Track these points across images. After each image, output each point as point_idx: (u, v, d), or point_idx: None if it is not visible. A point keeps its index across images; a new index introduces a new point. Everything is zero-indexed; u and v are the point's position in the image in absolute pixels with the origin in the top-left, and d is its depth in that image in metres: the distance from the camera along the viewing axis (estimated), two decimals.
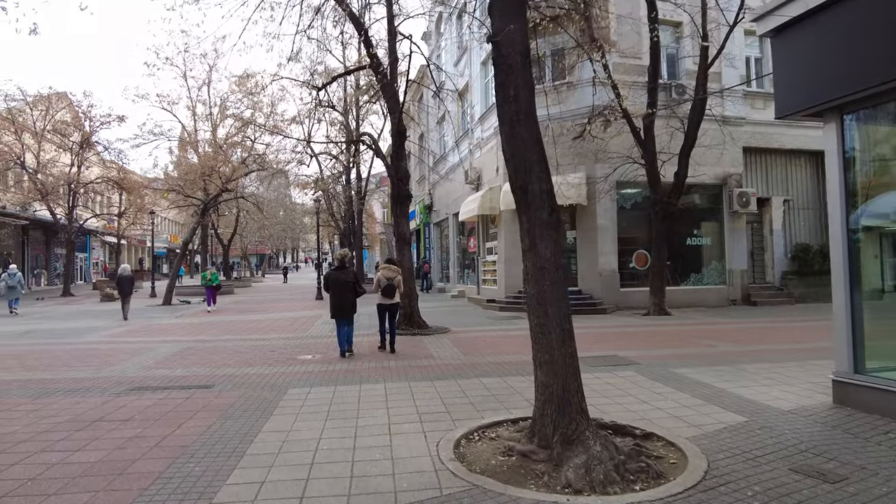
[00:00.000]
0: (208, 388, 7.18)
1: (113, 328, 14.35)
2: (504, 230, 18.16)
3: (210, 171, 26.38)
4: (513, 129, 4.53)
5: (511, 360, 8.81)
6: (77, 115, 30.59)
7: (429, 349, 9.97)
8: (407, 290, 12.51)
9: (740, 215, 18.15)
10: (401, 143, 12.38)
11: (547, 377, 4.45)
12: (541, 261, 4.45)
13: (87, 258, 45.03)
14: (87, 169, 33.00)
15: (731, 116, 17.42)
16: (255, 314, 17.78)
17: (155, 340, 11.88)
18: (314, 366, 8.59)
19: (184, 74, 30.17)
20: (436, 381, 7.25)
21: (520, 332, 12.08)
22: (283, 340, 11.53)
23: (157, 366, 8.83)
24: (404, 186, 12.59)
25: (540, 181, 4.48)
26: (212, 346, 10.98)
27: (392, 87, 12.28)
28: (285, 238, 67.59)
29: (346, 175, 31.43)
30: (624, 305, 16.55)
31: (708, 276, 18.12)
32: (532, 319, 4.59)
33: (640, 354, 9.11)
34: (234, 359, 9.37)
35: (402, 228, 12.66)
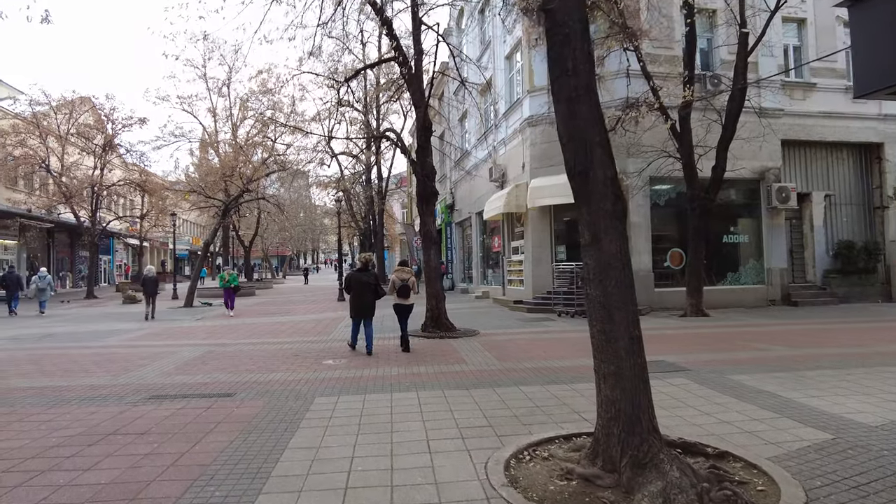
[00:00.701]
0: (230, 396, 6.75)
1: (134, 331, 14.09)
2: (531, 229, 17.56)
3: (231, 171, 26.21)
4: (571, 108, 3.98)
5: (549, 365, 8.25)
6: (100, 117, 30.72)
7: (459, 353, 9.45)
8: (433, 292, 12.04)
9: (779, 211, 17.31)
10: (426, 139, 11.89)
11: (613, 391, 3.90)
12: (605, 257, 3.89)
13: (110, 260, 45.41)
14: (110, 171, 33.17)
15: (769, 108, 16.60)
16: (276, 316, 17.43)
17: (176, 344, 11.54)
18: (340, 371, 8.12)
19: (204, 76, 30.07)
20: (472, 390, 6.72)
21: (552, 336, 11.51)
22: (307, 344, 11.10)
23: (177, 371, 8.44)
24: (430, 183, 12.10)
25: (603, 166, 3.92)
26: (233, 350, 10.59)
27: (418, 80, 11.80)
28: (306, 239, 67.73)
29: (367, 175, 31.07)
30: (658, 306, 15.85)
31: (745, 276, 17.32)
32: (594, 325, 4.04)
33: (688, 359, 8.48)
34: (256, 364, 8.95)
35: (428, 227, 12.17)
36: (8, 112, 29.26)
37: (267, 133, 27.46)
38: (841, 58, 18.17)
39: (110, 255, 45.25)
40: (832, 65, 18.06)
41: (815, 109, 17.90)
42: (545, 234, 17.36)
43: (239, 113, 30.02)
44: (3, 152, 27.47)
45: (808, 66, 17.90)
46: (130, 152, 33.09)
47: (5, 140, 27.06)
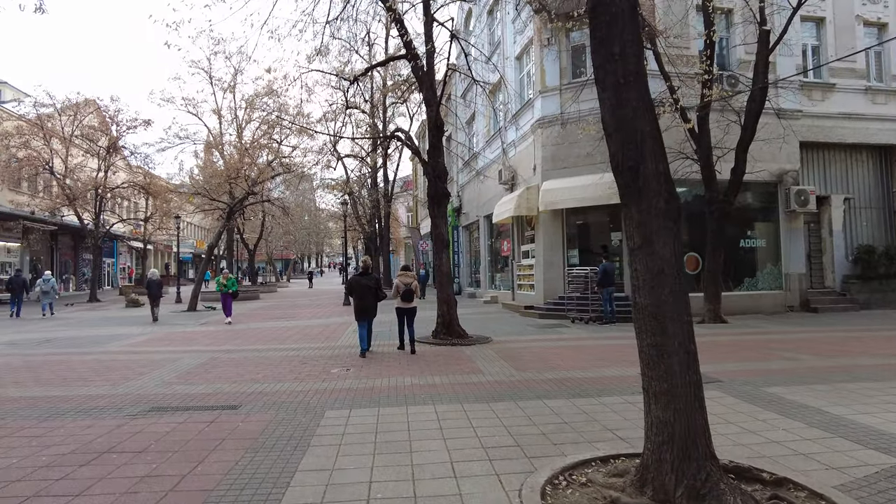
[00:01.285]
0: (234, 408, 6.34)
1: (135, 336, 13.70)
2: (542, 232, 17.14)
3: (236, 173, 25.89)
4: (619, 95, 3.56)
5: (571, 376, 7.81)
6: (104, 119, 30.47)
7: (474, 362, 9.02)
8: (444, 297, 11.62)
9: (798, 215, 16.85)
10: (439, 138, 11.50)
11: (665, 412, 3.47)
12: (658, 262, 3.47)
13: (114, 263, 45.16)
14: (114, 174, 32.90)
15: (787, 109, 16.16)
16: (282, 321, 17.03)
17: (178, 350, 11.15)
18: (351, 381, 7.70)
19: (209, 77, 29.77)
20: (493, 404, 6.29)
21: (569, 343, 11.08)
22: (314, 351, 10.69)
23: (179, 380, 8.03)
24: (442, 184, 11.69)
25: (655, 159, 3.51)
26: (237, 356, 10.19)
27: (429, 77, 11.41)
28: (310, 243, 67.44)
29: (373, 177, 30.72)
30: None
31: (763, 281, 16.84)
32: (644, 338, 3.61)
33: (717, 370, 8.02)
34: (261, 372, 8.54)
35: (440, 230, 11.76)
36: (12, 114, 29.05)
37: (272, 135, 27.12)
38: (861, 58, 17.74)
39: (114, 258, 45.02)
40: (852, 65, 17.62)
41: (834, 110, 17.45)
42: (557, 238, 16.93)
43: (244, 115, 29.70)
44: (7, 154, 27.23)
45: (828, 67, 17.44)
46: (135, 154, 32.89)
47: (9, 142, 26.80)
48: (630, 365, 8.53)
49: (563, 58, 17.13)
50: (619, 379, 7.55)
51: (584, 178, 15.91)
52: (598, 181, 15.55)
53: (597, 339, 11.60)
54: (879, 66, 18.41)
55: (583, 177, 16.01)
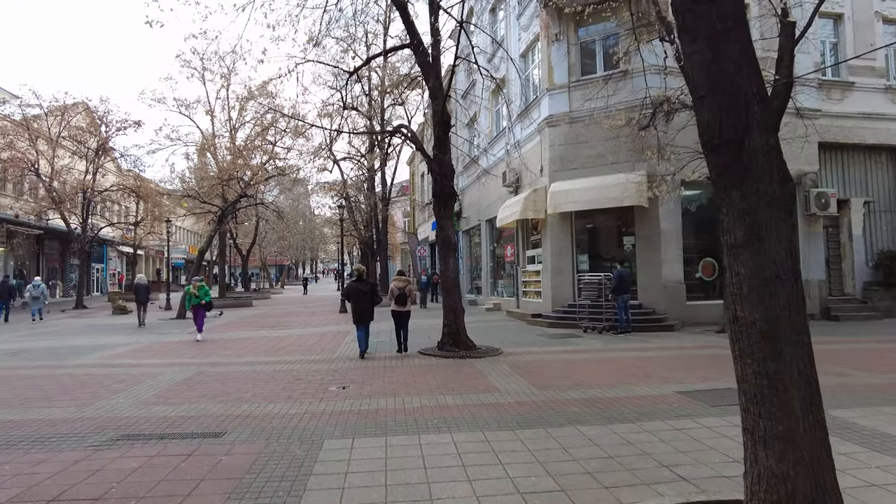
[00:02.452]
0: (218, 436, 5.43)
1: (117, 347, 12.73)
2: (550, 236, 16.29)
3: (229, 176, 24.98)
4: (714, 47, 2.71)
5: (600, 396, 6.93)
6: (93, 120, 29.50)
7: (488, 379, 8.13)
8: (452, 304, 10.75)
9: (817, 219, 16.09)
10: (445, 133, 10.66)
11: (781, 463, 2.60)
12: (770, 265, 2.63)
13: (103, 269, 44.05)
14: (103, 176, 31.91)
15: (805, 108, 15.29)
16: (275, 329, 16.09)
17: (161, 363, 10.20)
18: (352, 402, 6.80)
19: (202, 77, 28.89)
20: (519, 432, 5.41)
21: (587, 356, 10.20)
22: (310, 364, 9.78)
23: (157, 400, 7.11)
24: (448, 183, 10.84)
25: (765, 130, 2.66)
26: (225, 371, 9.27)
27: (435, 69, 10.57)
28: (305, 248, 66.46)
29: (370, 180, 29.86)
30: (691, 321, 14.55)
31: None
32: (748, 364, 2.75)
33: None
34: (251, 390, 7.63)
35: (446, 232, 10.90)
36: None
37: (266, 136, 26.24)
38: (880, 56, 17.05)
39: (103, 263, 43.91)
40: (871, 63, 16.92)
41: (853, 110, 16.72)
42: (566, 243, 16.08)
43: (237, 115, 28.81)
44: None
45: (847, 65, 16.75)
46: (124, 156, 31.94)
47: None
48: (661, 381, 7.68)
49: (572, 54, 16.36)
50: (655, 399, 6.68)
51: (595, 180, 15.10)
52: (611, 182, 14.78)
53: (616, 351, 10.73)
54: None
55: (593, 178, 15.20)
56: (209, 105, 29.24)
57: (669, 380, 7.82)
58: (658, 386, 7.44)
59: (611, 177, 14.92)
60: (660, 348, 11.05)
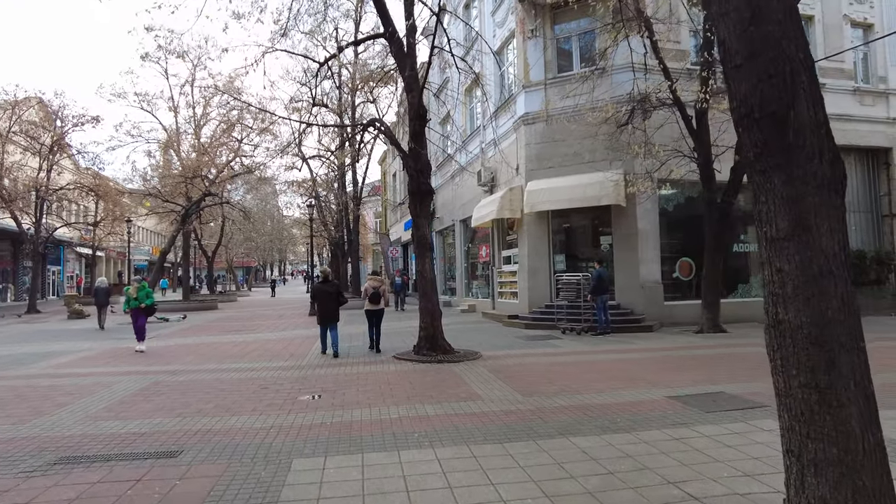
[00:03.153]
0: (173, 456, 4.85)
1: (69, 354, 11.87)
2: (526, 236, 15.97)
3: (193, 173, 23.99)
4: (754, 4, 2.33)
5: (588, 402, 6.56)
6: (47, 114, 28.03)
7: (469, 385, 7.69)
8: (429, 307, 10.29)
9: None
10: (421, 127, 10.19)
11: (838, 492, 2.23)
12: (820, 259, 2.25)
13: (60, 271, 42.16)
14: (59, 174, 30.40)
15: None
16: (241, 334, 15.36)
17: (115, 372, 9.46)
18: (323, 413, 6.27)
19: (165, 72, 27.78)
20: (508, 445, 4.97)
21: (569, 359, 9.85)
22: (277, 371, 9.18)
23: (108, 414, 6.45)
24: (425, 180, 10.36)
25: (812, 103, 2.30)
26: (185, 380, 8.60)
27: (410, 59, 10.10)
28: (272, 250, 65.09)
29: (341, 178, 29.15)
30: (668, 321, 14.39)
31: (757, 288, 16.02)
32: (793, 375, 2.37)
33: (750, 390, 6.91)
34: (212, 401, 7.02)
35: (422, 231, 10.41)
36: None
37: (232, 133, 25.33)
38: (849, 58, 17.28)
39: (60, 265, 42.02)
40: (840, 65, 17.12)
41: None
42: (542, 243, 15.78)
43: (202, 111, 27.77)
44: None
45: (817, 66, 16.82)
46: (82, 153, 30.53)
47: None
48: (649, 385, 7.36)
49: (549, 51, 16.08)
50: (647, 405, 6.34)
51: (572, 179, 14.84)
52: (588, 181, 14.53)
53: (598, 353, 10.42)
54: (866, 67, 18.00)
55: (570, 177, 14.94)
56: (172, 101, 28.11)
57: (657, 383, 7.51)
58: (647, 390, 7.11)
59: (588, 175, 14.67)
60: (642, 350, 10.79)
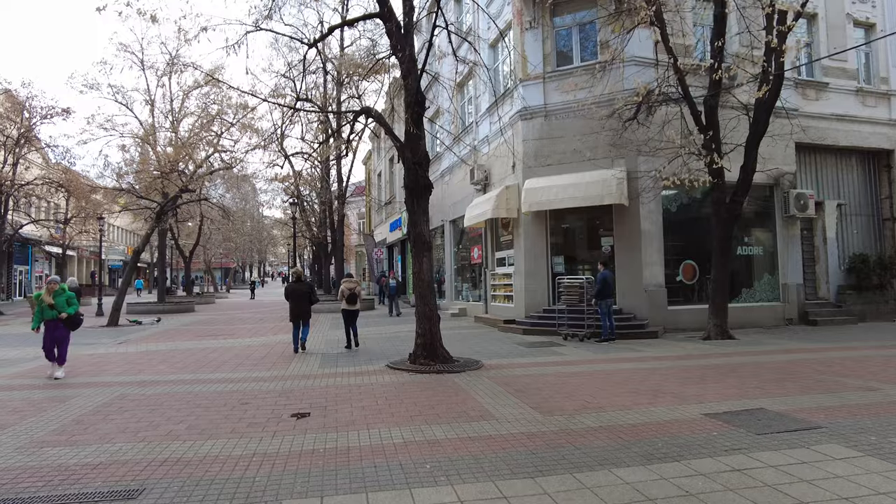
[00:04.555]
0: (131, 498, 3.94)
1: (24, 362, 10.74)
2: (523, 237, 15.20)
3: (170, 169, 22.79)
4: None
5: (616, 421, 5.77)
6: (15, 105, 26.54)
7: (477, 400, 6.84)
8: (427, 311, 9.43)
9: (795, 221, 15.65)
10: (419, 116, 9.34)
11: None
12: None
13: (28, 271, 40.31)
14: (26, 169, 28.89)
15: (782, 108, 14.90)
16: (218, 338, 14.33)
17: (76, 383, 8.43)
18: (315, 437, 5.38)
19: (141, 63, 26.48)
20: (541, 479, 4.14)
21: (579, 368, 9.07)
22: (259, 383, 8.24)
23: (58, 438, 5.47)
24: (423, 173, 9.51)
25: None
26: (154, 393, 7.62)
27: (408, 41, 9.25)
28: (252, 251, 63.59)
29: (325, 174, 28.12)
30: (672, 327, 13.75)
31: (760, 292, 15.48)
32: None
33: (797, 407, 6.20)
34: (185, 420, 6.08)
35: (419, 228, 9.53)
36: None
37: (212, 128, 24.17)
38: (852, 58, 16.88)
39: (28, 265, 40.19)
40: (843, 64, 16.72)
41: (827, 111, 16.42)
42: (540, 244, 15.01)
43: (181, 104, 26.53)
44: None
45: (820, 65, 16.48)
46: (51, 147, 29.10)
47: None
48: (677, 400, 6.60)
49: (548, 43, 15.36)
50: (685, 425, 5.57)
51: (573, 177, 14.12)
52: (590, 180, 13.82)
53: (608, 363, 9.66)
54: (868, 67, 17.62)
55: (571, 175, 14.22)
56: (149, 93, 26.83)
57: (685, 397, 6.76)
58: (677, 406, 6.35)
59: (589, 173, 13.97)
60: (653, 358, 10.06)
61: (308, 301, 11.44)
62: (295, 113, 13.87)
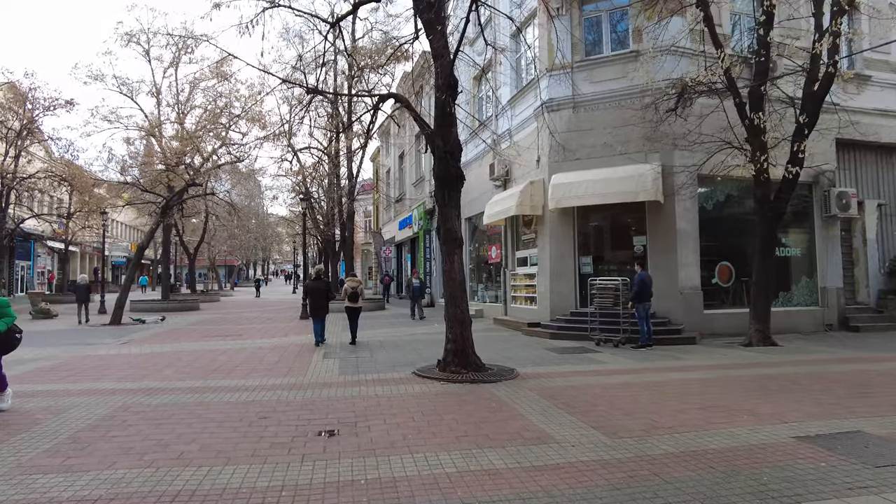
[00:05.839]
0: None
1: (22, 364, 9.95)
2: (549, 235, 14.39)
3: (176, 162, 22.06)
4: None
5: (700, 446, 4.96)
6: (17, 96, 25.82)
7: (526, 417, 6.04)
8: (457, 314, 8.66)
9: (835, 221, 14.81)
10: (452, 100, 8.56)
11: None
12: None
13: (30, 267, 39.65)
14: (28, 162, 28.21)
15: (830, 101, 14.04)
16: (227, 340, 13.56)
17: (74, 390, 7.66)
18: (351, 462, 4.59)
19: (147, 53, 25.75)
20: None
21: (626, 379, 8.24)
22: (276, 391, 7.46)
23: (50, 461, 4.69)
24: (455, 163, 8.74)
25: None
26: (160, 403, 6.84)
27: (439, 16, 8.46)
28: (257, 248, 62.86)
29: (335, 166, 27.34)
30: (707, 332, 12.91)
31: (798, 296, 14.65)
32: None
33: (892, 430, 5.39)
34: (197, 437, 5.31)
35: (450, 223, 8.75)
36: None
37: (219, 121, 23.42)
38: (895, 49, 15.99)
39: (31, 261, 39.53)
40: (885, 57, 15.86)
41: (869, 106, 15.53)
42: (567, 243, 14.20)
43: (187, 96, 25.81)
44: None
45: (862, 57, 15.61)
46: (54, 139, 28.41)
47: None
48: (753, 419, 5.80)
49: (576, 31, 14.54)
50: (778, 451, 4.77)
51: (604, 172, 13.32)
52: (623, 175, 13.00)
53: (654, 372, 8.86)
54: None
55: (601, 170, 13.42)
56: (155, 84, 26.09)
57: (761, 416, 5.96)
58: (757, 426, 5.55)
59: (622, 168, 13.16)
60: (700, 367, 9.25)
61: (325, 297, 12.37)
62: (307, 104, 13.10)
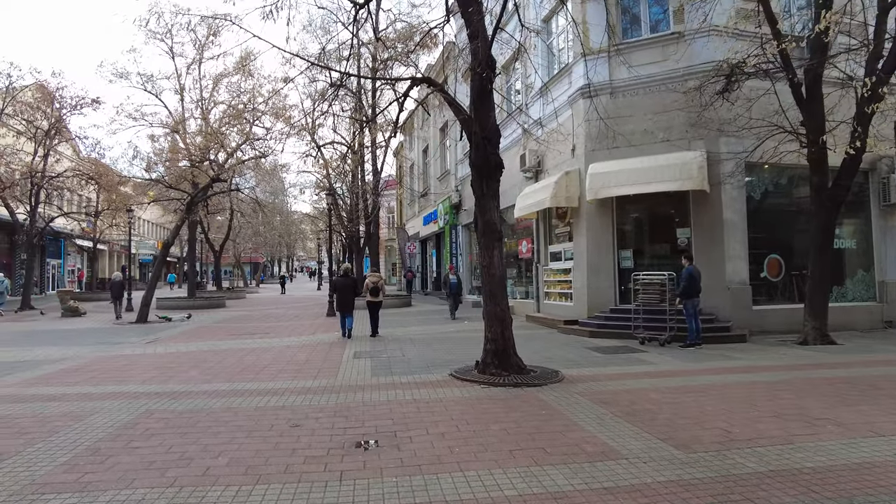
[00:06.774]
0: None
1: (47, 364, 9.71)
2: (586, 228, 13.71)
3: (201, 157, 21.89)
4: None
5: (786, 462, 4.32)
6: (46, 95, 25.90)
7: (582, 427, 5.45)
8: (497, 311, 8.09)
9: (894, 210, 13.84)
10: (489, 82, 7.99)
11: None
12: None
13: (61, 265, 40.20)
14: (56, 161, 28.36)
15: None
16: (253, 339, 13.21)
17: (95, 393, 7.30)
18: (397, 482, 4.06)
19: (170, 50, 25.66)
20: None
21: (681, 382, 7.59)
22: (307, 396, 6.99)
23: (65, 477, 4.27)
24: (493, 150, 8.17)
25: None
26: (187, 408, 6.42)
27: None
28: (281, 245, 63.02)
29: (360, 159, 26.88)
30: (757, 329, 12.12)
31: (853, 290, 13.77)
32: None
33: None
34: (225, 450, 4.84)
35: (489, 215, 8.20)
36: None
37: (244, 115, 23.16)
38: None
39: (61, 259, 40.07)
40: None
41: None
42: (605, 236, 13.51)
43: (210, 93, 25.64)
44: None
45: None
46: (81, 138, 28.55)
47: None
48: (840, 429, 5.14)
49: (613, 13, 13.78)
50: (891, 471, 4.11)
51: (645, 160, 12.61)
52: (666, 163, 12.28)
53: (709, 373, 8.19)
54: None
55: (642, 158, 12.71)
56: (178, 81, 25.99)
57: (849, 426, 5.30)
58: (850, 439, 4.89)
59: (664, 156, 12.43)
60: (758, 368, 8.54)
61: (352, 293, 12.99)
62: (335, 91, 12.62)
